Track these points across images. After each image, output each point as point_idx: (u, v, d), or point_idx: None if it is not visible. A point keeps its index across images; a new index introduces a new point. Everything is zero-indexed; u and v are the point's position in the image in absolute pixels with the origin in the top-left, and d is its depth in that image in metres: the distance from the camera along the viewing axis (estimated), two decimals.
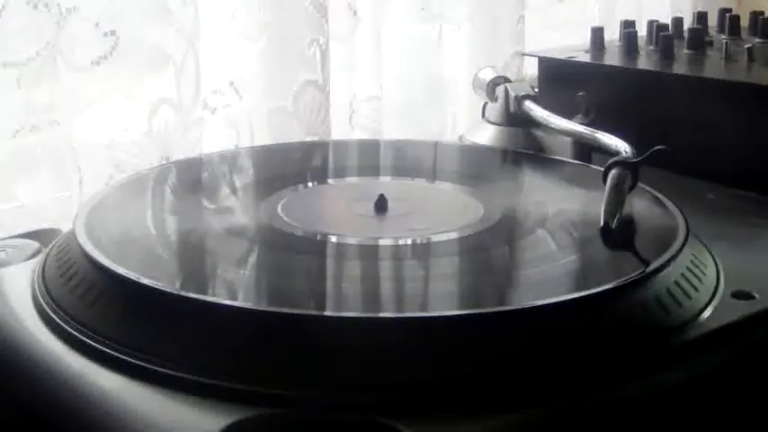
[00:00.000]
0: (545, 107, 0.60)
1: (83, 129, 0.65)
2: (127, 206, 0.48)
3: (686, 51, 0.67)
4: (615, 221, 0.44)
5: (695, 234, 0.44)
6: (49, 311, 0.39)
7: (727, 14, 0.74)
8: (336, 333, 0.35)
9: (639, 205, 0.47)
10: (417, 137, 0.83)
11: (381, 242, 0.43)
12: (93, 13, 0.63)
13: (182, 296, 0.37)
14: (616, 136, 0.53)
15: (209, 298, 0.37)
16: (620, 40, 0.70)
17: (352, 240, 0.44)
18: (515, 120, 0.62)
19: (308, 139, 0.74)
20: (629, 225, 0.45)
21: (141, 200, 0.50)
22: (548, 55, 0.69)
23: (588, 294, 0.37)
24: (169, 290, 0.37)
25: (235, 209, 0.50)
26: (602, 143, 0.54)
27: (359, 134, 0.82)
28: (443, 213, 0.49)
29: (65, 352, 0.37)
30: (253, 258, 0.43)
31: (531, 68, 0.77)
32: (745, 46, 0.64)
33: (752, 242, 0.47)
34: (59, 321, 0.38)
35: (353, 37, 0.80)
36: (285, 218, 0.46)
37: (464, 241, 0.44)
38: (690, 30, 0.69)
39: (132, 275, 0.38)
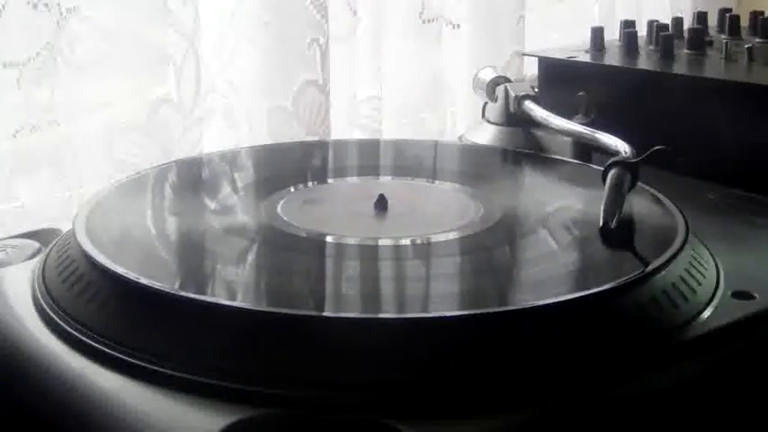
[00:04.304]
0: (545, 107, 0.60)
1: (83, 129, 0.65)
2: (127, 206, 0.48)
3: (686, 51, 0.67)
4: (615, 221, 0.44)
5: (695, 234, 0.44)
6: (49, 311, 0.39)
7: (727, 14, 0.74)
8: (336, 333, 0.35)
9: (639, 205, 0.47)
10: (417, 137, 0.83)
11: (381, 242, 0.43)
12: (93, 13, 0.63)
13: (181, 296, 0.37)
14: (616, 136, 0.53)
15: (208, 298, 0.37)
16: (620, 40, 0.70)
17: (351, 240, 0.44)
18: (515, 120, 0.62)
19: (308, 139, 0.74)
20: (628, 225, 0.45)
21: (141, 200, 0.50)
22: (548, 55, 0.69)
23: (588, 294, 0.37)
24: (169, 290, 0.37)
25: (235, 209, 0.50)
26: (602, 143, 0.54)
27: (359, 134, 0.82)
28: (443, 213, 0.49)
29: (65, 352, 0.37)
30: (252, 258, 0.43)
31: (531, 68, 0.77)
32: (745, 46, 0.64)
33: (752, 242, 0.47)
34: (59, 321, 0.38)
35: (353, 37, 0.80)
36: (285, 218, 0.46)
37: (464, 241, 0.44)
38: (690, 30, 0.69)
39: (132, 275, 0.38)
